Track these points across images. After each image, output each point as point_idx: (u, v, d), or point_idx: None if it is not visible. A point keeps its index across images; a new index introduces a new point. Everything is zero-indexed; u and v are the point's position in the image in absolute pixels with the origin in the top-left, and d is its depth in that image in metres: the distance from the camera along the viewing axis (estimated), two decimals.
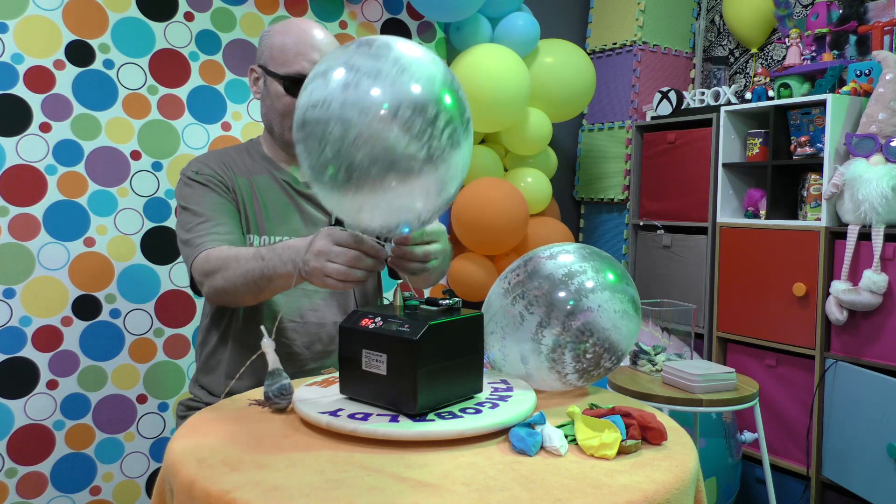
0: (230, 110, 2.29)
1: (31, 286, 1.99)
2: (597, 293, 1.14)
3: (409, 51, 1.01)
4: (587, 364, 1.16)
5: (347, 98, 0.95)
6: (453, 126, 1.00)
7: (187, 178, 1.49)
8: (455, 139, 1.01)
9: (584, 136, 3.43)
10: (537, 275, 1.17)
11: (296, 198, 1.53)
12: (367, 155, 0.94)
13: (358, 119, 0.94)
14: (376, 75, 0.96)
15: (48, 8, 2.01)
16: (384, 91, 0.95)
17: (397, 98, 0.95)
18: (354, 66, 0.97)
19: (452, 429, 0.96)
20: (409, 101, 0.95)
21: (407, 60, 0.99)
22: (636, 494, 0.82)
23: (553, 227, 2.92)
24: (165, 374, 2.18)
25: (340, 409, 1.02)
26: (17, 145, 1.97)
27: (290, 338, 1.49)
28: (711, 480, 2.32)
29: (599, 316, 1.13)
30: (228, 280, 1.32)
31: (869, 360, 2.25)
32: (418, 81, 0.97)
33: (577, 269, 1.16)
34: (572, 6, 3.46)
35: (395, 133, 0.94)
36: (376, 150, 0.94)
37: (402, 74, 0.96)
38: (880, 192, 2.18)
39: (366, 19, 2.56)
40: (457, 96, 1.02)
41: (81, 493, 2.07)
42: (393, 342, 0.99)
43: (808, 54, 2.66)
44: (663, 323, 1.95)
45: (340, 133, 0.94)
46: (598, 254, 1.21)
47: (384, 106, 0.94)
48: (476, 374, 1.08)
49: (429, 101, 0.97)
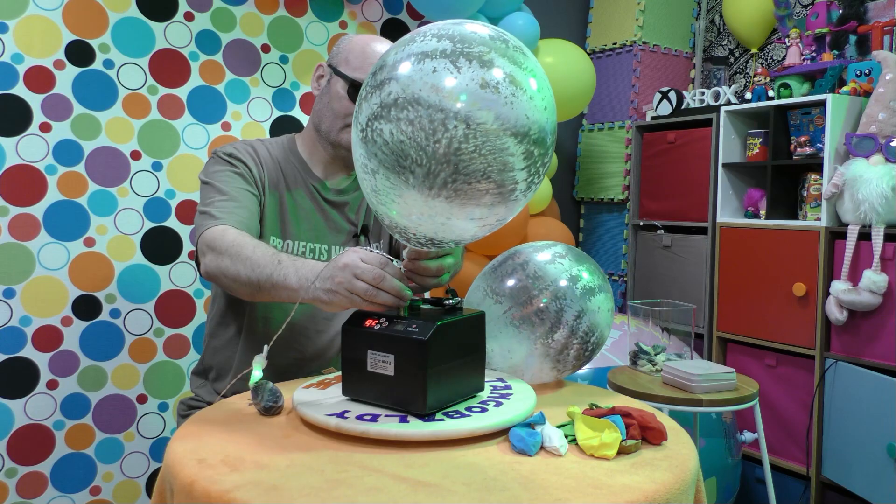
0: (230, 110, 2.29)
1: (31, 286, 1.99)
2: (597, 295, 1.21)
3: (540, 69, 0.95)
4: (584, 360, 1.23)
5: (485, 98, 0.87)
6: (547, 161, 0.96)
7: (219, 156, 1.44)
8: (542, 176, 0.97)
9: (584, 135, 3.43)
10: (541, 280, 1.20)
11: (323, 205, 1.49)
12: (485, 171, 0.88)
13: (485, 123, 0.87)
14: (515, 85, 0.88)
15: (48, 8, 2.01)
16: (517, 109, 0.88)
17: (531, 119, 0.89)
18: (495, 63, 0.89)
19: (463, 427, 0.96)
20: (539, 127, 0.90)
21: (541, 79, 0.93)
22: (636, 494, 0.82)
23: (553, 227, 2.92)
24: (165, 374, 2.18)
25: (347, 411, 1.02)
26: (17, 145, 1.97)
27: (303, 344, 1.47)
28: (711, 480, 2.32)
29: (599, 317, 1.21)
30: (235, 266, 1.24)
31: (869, 359, 2.25)
32: (548, 107, 0.91)
33: (576, 273, 1.21)
34: (572, 6, 3.46)
35: (517, 154, 0.89)
36: (496, 167, 0.89)
37: (537, 95, 0.91)
38: (880, 191, 2.18)
39: (366, 19, 2.56)
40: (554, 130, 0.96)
41: (81, 492, 2.07)
42: (401, 343, 0.99)
43: (807, 54, 2.66)
44: (663, 323, 1.95)
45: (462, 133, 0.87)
46: (584, 255, 1.27)
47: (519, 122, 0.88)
48: (478, 373, 1.09)
49: (548, 131, 0.93)
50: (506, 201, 0.93)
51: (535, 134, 0.90)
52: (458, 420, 0.98)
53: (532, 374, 1.23)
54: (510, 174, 0.90)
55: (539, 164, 0.93)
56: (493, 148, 0.87)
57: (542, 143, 0.92)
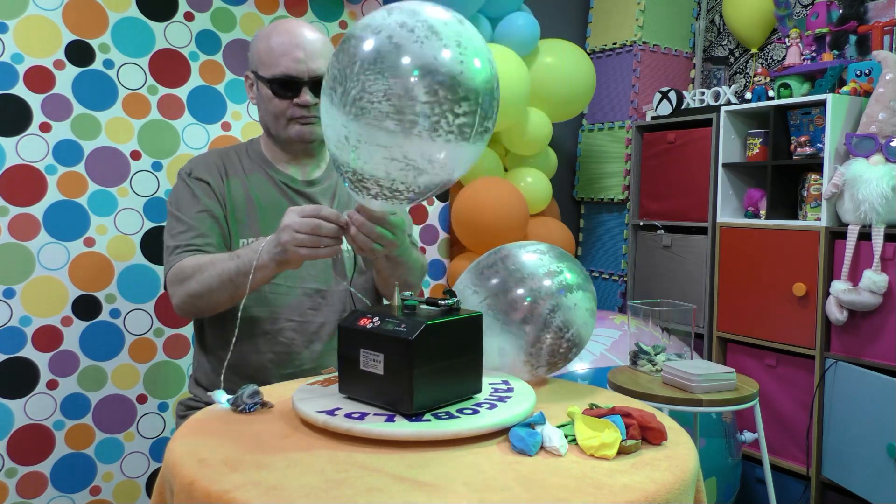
0: (230, 110, 2.29)
1: (31, 286, 1.99)
2: (574, 292, 1.23)
3: (478, 39, 1.07)
4: (558, 358, 1.24)
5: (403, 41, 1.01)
6: (463, 113, 1.02)
7: (181, 177, 1.53)
8: (464, 132, 1.04)
9: (584, 135, 3.43)
10: (519, 272, 1.23)
11: (293, 196, 1.53)
12: (386, 92, 0.99)
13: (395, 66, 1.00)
14: (433, 34, 1.01)
15: (48, 8, 2.01)
16: (427, 49, 1.00)
17: (439, 61, 1.00)
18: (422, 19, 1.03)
19: (448, 429, 0.96)
20: (449, 73, 1.00)
21: (477, 44, 1.05)
22: (636, 494, 0.82)
23: (553, 227, 2.92)
24: (165, 374, 2.18)
25: (338, 409, 1.02)
26: (17, 145, 1.97)
27: (290, 337, 1.48)
28: (711, 480, 2.32)
29: (575, 313, 1.22)
30: (203, 282, 1.35)
31: (869, 359, 2.25)
32: (465, 62, 1.02)
33: (555, 269, 1.23)
34: (572, 6, 3.46)
35: (419, 88, 0.99)
36: (396, 91, 0.99)
37: (461, 48, 1.02)
38: (880, 191, 2.18)
39: None
40: (493, 99, 1.07)
41: (81, 492, 2.07)
42: (389, 342, 0.99)
43: (807, 54, 2.66)
44: (663, 323, 1.95)
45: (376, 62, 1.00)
46: (566, 255, 1.29)
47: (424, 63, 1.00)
48: (475, 375, 1.08)
49: (463, 82, 1.01)
50: (408, 134, 1.01)
51: (443, 77, 1.00)
52: (445, 421, 0.98)
53: (506, 366, 1.24)
54: (409, 103, 0.99)
55: (447, 110, 1.01)
56: (395, 73, 0.99)
57: (454, 90, 1.00)
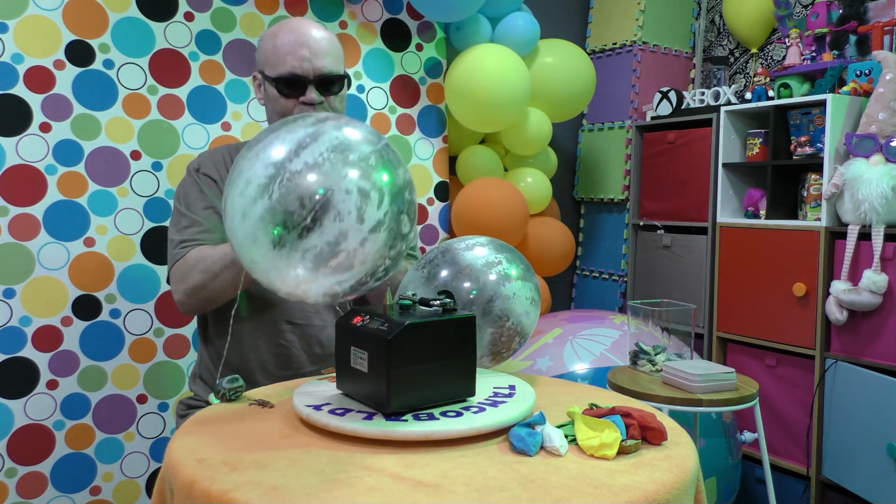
0: (230, 110, 2.29)
1: (31, 286, 1.99)
2: (513, 282, 1.24)
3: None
4: (501, 347, 1.25)
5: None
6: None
7: (189, 171, 1.54)
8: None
9: (584, 135, 3.43)
10: (457, 264, 1.25)
11: None
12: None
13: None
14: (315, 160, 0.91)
15: (48, 8, 2.01)
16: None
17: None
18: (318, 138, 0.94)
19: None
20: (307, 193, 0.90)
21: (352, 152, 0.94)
22: (636, 494, 0.82)
23: (553, 227, 2.92)
24: (165, 374, 2.18)
25: (326, 404, 1.04)
26: (17, 145, 1.97)
27: (290, 340, 1.48)
28: (711, 480, 2.32)
29: (514, 303, 1.24)
30: (206, 269, 1.35)
31: (869, 359, 2.25)
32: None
33: (493, 260, 1.26)
34: (572, 6, 3.46)
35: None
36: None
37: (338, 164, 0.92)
38: (880, 191, 2.18)
39: (366, 19, 2.56)
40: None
41: (81, 492, 2.06)
42: (372, 340, 1.00)
43: (807, 54, 2.66)
44: (663, 323, 1.95)
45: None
46: (507, 246, 1.32)
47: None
48: (466, 377, 1.06)
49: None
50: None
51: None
52: (424, 423, 0.97)
53: None
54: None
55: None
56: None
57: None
